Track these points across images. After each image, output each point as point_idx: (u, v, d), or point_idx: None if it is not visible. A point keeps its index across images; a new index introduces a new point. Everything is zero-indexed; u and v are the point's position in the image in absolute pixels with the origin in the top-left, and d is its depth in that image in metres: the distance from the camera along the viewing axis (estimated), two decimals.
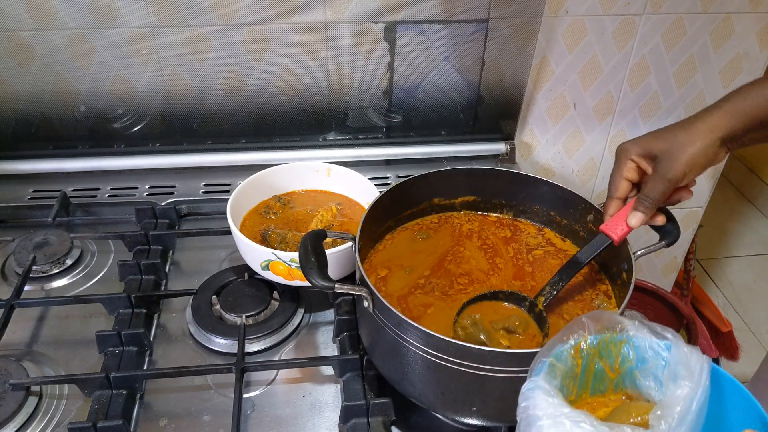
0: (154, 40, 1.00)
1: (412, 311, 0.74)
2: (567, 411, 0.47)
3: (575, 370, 0.54)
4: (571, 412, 0.47)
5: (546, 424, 0.46)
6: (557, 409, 0.47)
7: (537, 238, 0.86)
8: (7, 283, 0.92)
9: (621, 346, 0.54)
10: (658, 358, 0.53)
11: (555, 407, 0.47)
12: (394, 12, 1.02)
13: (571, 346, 0.54)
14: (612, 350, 0.55)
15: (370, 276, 0.77)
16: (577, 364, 0.54)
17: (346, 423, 0.72)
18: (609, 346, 0.55)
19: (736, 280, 2.19)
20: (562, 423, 0.46)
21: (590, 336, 0.54)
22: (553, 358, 0.52)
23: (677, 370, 0.50)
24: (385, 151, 1.16)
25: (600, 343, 0.54)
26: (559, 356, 0.53)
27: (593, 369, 0.55)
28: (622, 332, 0.54)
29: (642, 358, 0.54)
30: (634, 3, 1.11)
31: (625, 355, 0.54)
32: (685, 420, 0.47)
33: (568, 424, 0.46)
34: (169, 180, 1.12)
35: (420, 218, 0.88)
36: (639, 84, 1.22)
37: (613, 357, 0.55)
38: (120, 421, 0.70)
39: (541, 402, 0.48)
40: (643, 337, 0.53)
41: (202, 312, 0.85)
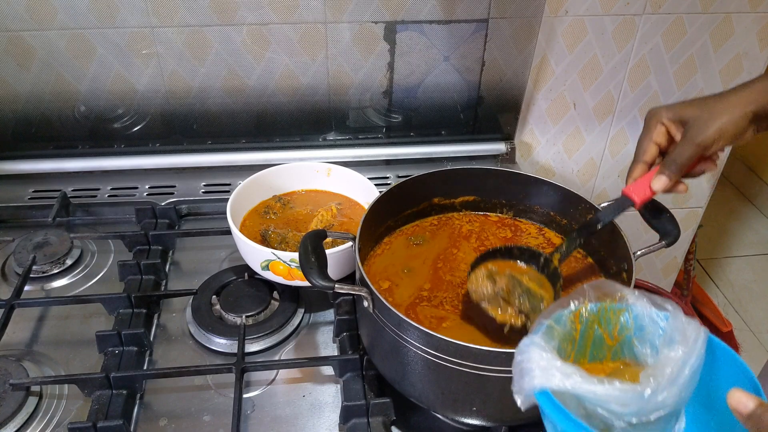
0: (154, 40, 1.00)
1: (423, 323, 0.73)
2: (559, 364, 0.48)
3: (573, 334, 0.55)
4: (563, 365, 0.48)
5: (537, 375, 0.47)
6: (549, 363, 0.48)
7: (538, 238, 0.86)
8: (7, 283, 0.92)
9: (620, 314, 0.55)
10: (656, 327, 0.53)
11: (548, 361, 0.48)
12: (394, 12, 1.02)
13: (570, 311, 0.55)
14: (611, 318, 0.55)
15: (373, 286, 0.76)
16: (575, 329, 0.55)
17: (346, 423, 0.72)
18: (608, 313, 0.55)
19: (736, 280, 2.19)
20: (553, 375, 0.47)
21: (590, 303, 0.55)
22: (552, 320, 0.53)
23: (673, 336, 0.51)
24: (385, 151, 1.16)
25: (600, 310, 0.55)
26: (558, 319, 0.54)
27: (592, 335, 0.56)
28: (621, 300, 0.55)
29: (640, 326, 0.54)
30: (634, 3, 1.11)
31: (623, 324, 0.55)
32: (676, 382, 0.48)
33: (558, 376, 0.47)
34: (169, 180, 1.12)
35: (420, 218, 0.88)
36: (639, 84, 1.22)
37: (612, 324, 0.55)
38: (120, 421, 0.70)
39: (535, 356, 0.49)
40: (642, 306, 0.54)
41: (202, 312, 0.85)
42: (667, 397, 0.47)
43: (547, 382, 0.47)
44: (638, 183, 0.70)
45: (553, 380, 0.47)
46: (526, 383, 0.48)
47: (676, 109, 0.68)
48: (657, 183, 0.68)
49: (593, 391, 0.47)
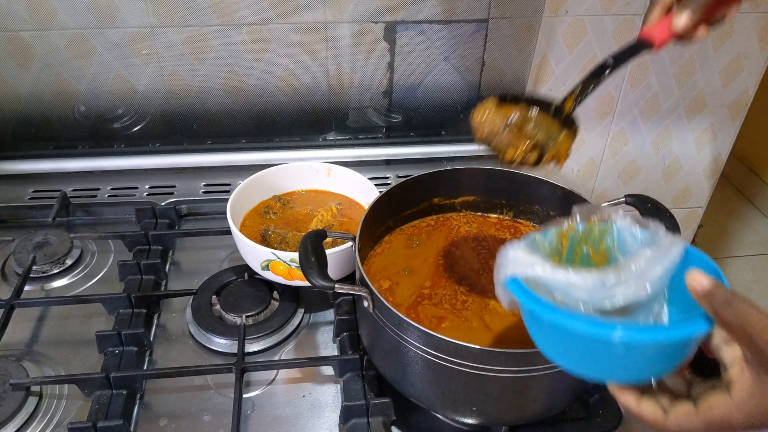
0: (154, 40, 1.00)
1: (423, 323, 0.73)
2: (527, 256, 0.51)
3: (560, 249, 0.57)
4: (531, 257, 0.51)
5: (509, 266, 0.51)
6: (520, 255, 0.51)
7: None
8: (7, 283, 0.92)
9: (606, 234, 0.56)
10: (637, 244, 0.54)
11: (519, 254, 0.51)
12: (394, 12, 1.02)
13: (557, 229, 0.57)
14: (597, 237, 0.57)
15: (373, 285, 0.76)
16: (562, 245, 0.57)
17: (346, 423, 0.72)
18: (594, 232, 0.56)
19: (736, 280, 2.19)
20: (520, 264, 0.50)
21: (577, 223, 0.56)
22: (540, 235, 0.55)
23: (648, 245, 0.52)
24: (385, 151, 1.16)
25: (586, 229, 0.56)
26: (545, 235, 0.56)
27: (579, 253, 0.57)
28: (607, 220, 0.56)
29: (622, 243, 0.55)
30: (634, 3, 1.11)
31: (608, 243, 0.56)
32: (644, 276, 0.48)
33: (525, 265, 0.50)
34: (169, 180, 1.12)
35: (420, 218, 0.88)
36: (639, 84, 1.22)
37: (598, 242, 0.57)
38: (120, 421, 0.70)
39: (510, 254, 0.51)
40: (625, 225, 0.55)
41: (202, 312, 0.85)
42: (633, 289, 0.48)
43: (515, 270, 0.50)
44: (656, 25, 0.63)
45: (520, 268, 0.50)
46: (501, 276, 0.51)
47: None
48: (679, 20, 0.60)
49: (558, 279, 0.49)
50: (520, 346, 0.58)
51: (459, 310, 0.75)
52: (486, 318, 0.74)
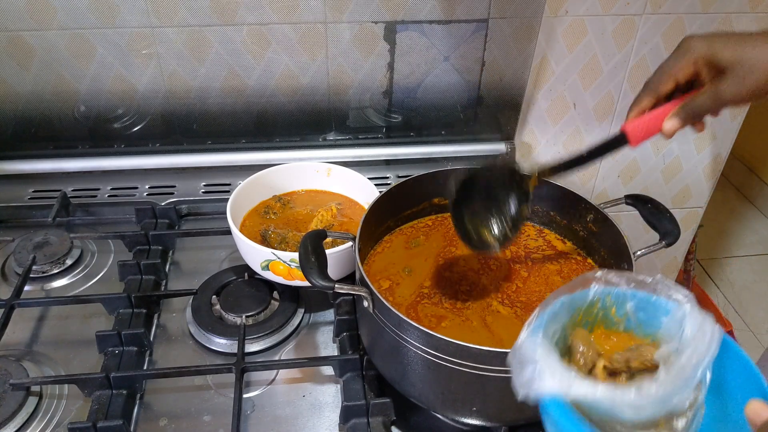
0: (154, 40, 1.00)
1: (423, 322, 0.73)
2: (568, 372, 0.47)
3: (577, 318, 0.55)
4: (573, 372, 0.47)
5: (548, 380, 0.46)
6: (559, 368, 0.47)
7: (537, 240, 0.86)
8: (7, 283, 0.92)
9: (625, 302, 0.55)
10: (665, 316, 0.53)
11: (557, 365, 0.47)
12: (394, 12, 1.02)
13: (568, 301, 0.54)
14: (610, 304, 0.55)
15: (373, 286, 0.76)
16: (578, 314, 0.55)
17: (346, 423, 0.72)
18: (608, 300, 0.55)
19: (736, 280, 2.19)
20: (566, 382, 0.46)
21: (591, 291, 0.54)
22: (552, 312, 0.52)
23: (686, 332, 0.50)
24: (385, 151, 1.16)
25: (598, 300, 0.55)
26: (559, 312, 0.53)
27: (596, 314, 0.56)
28: (630, 288, 0.54)
29: (644, 309, 0.54)
30: (634, 3, 1.11)
31: (628, 310, 0.55)
32: (688, 384, 0.47)
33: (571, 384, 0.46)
34: (169, 180, 1.12)
35: (420, 218, 0.88)
36: (639, 84, 1.22)
37: (611, 309, 0.55)
38: (120, 421, 0.70)
39: (541, 356, 0.48)
40: (648, 294, 0.54)
41: (202, 312, 0.85)
42: (676, 401, 0.47)
43: (553, 388, 0.46)
44: (636, 125, 0.64)
45: (560, 386, 0.46)
46: (535, 386, 0.46)
47: (715, 47, 0.58)
48: (669, 123, 0.62)
49: (600, 398, 0.46)
50: None
51: (459, 309, 0.75)
52: (486, 318, 0.74)
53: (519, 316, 0.74)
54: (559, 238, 0.86)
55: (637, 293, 0.54)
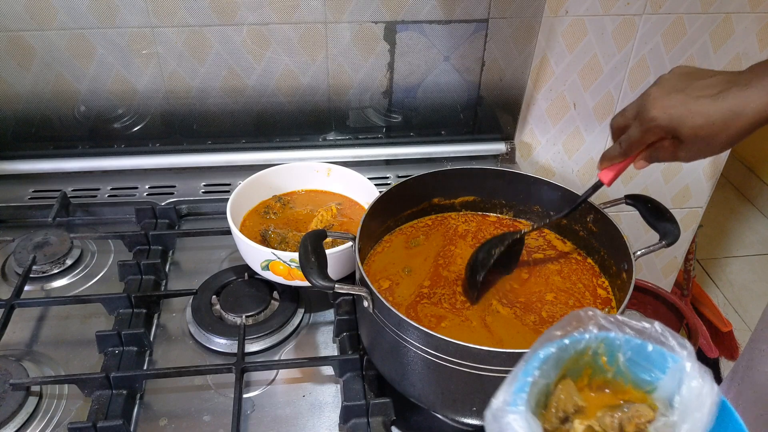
0: (154, 40, 1.00)
1: (422, 322, 0.73)
2: None
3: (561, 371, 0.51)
4: None
5: None
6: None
7: (538, 240, 0.86)
8: (7, 283, 0.92)
9: (622, 348, 0.50)
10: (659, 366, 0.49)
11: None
12: (394, 12, 1.02)
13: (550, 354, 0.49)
14: (600, 351, 0.51)
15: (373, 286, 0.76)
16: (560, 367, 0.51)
17: (346, 423, 0.72)
18: (599, 347, 0.51)
19: (736, 280, 2.19)
20: None
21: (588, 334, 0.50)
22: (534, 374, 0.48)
23: (684, 395, 0.47)
24: (385, 151, 1.16)
25: (598, 343, 0.51)
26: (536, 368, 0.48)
27: (584, 363, 0.52)
28: (625, 334, 0.50)
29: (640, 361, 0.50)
30: (634, 3, 1.11)
31: (619, 358, 0.51)
32: None
33: None
34: (169, 180, 1.12)
35: (420, 218, 0.88)
36: (639, 84, 1.22)
37: (601, 357, 0.51)
38: (120, 421, 0.70)
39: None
40: (644, 343, 0.50)
41: (202, 312, 0.85)
42: None
43: None
44: (606, 173, 0.73)
45: None
46: None
47: (674, 122, 0.62)
48: (638, 164, 0.70)
49: None
50: (520, 346, 0.58)
51: (459, 309, 0.75)
52: (486, 318, 0.74)
53: (518, 316, 0.74)
54: (559, 238, 0.86)
55: (632, 341, 0.49)
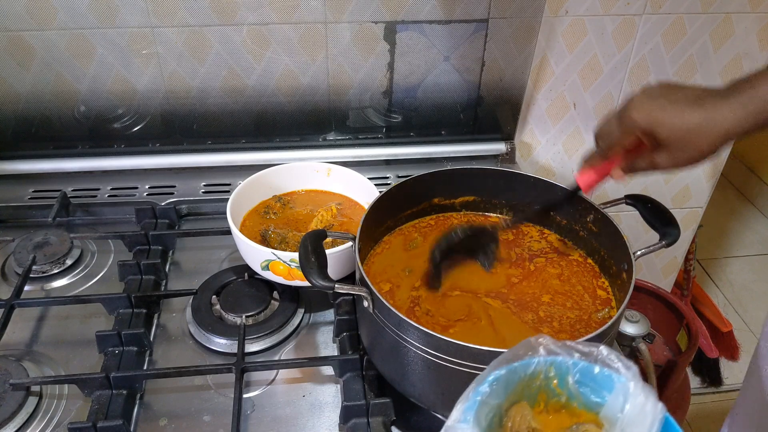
0: (154, 40, 1.00)
1: (422, 321, 0.73)
2: None
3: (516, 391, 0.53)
4: None
5: None
6: None
7: (540, 242, 0.86)
8: (7, 283, 0.92)
9: (570, 372, 0.52)
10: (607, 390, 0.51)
11: None
12: (394, 12, 1.02)
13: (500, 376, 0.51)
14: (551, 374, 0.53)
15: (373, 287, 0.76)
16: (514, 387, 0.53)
17: (346, 423, 0.72)
18: (556, 369, 0.52)
19: (736, 280, 2.19)
20: None
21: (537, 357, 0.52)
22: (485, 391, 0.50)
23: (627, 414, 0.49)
24: (385, 151, 1.16)
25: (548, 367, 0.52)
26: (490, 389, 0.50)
27: (541, 386, 0.54)
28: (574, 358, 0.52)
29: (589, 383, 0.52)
30: (634, 3, 1.11)
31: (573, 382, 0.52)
32: None
33: None
34: (169, 180, 1.12)
35: (420, 218, 0.88)
36: (639, 84, 1.22)
37: (552, 380, 0.53)
38: (120, 421, 0.70)
39: None
40: (591, 365, 0.51)
41: (202, 312, 0.85)
42: None
43: None
44: (593, 174, 0.73)
45: None
46: None
47: (653, 122, 0.63)
48: (616, 173, 0.71)
49: None
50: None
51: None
52: (488, 317, 0.74)
53: (516, 313, 0.74)
54: (560, 239, 0.86)
55: (579, 364, 0.51)
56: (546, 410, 0.53)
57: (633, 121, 0.65)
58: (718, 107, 0.60)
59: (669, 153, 0.64)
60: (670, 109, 0.63)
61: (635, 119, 0.65)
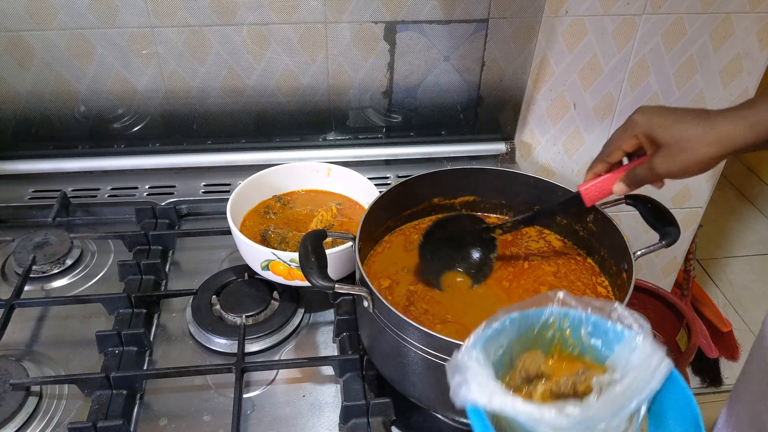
0: (154, 40, 1.00)
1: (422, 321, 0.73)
2: (492, 384, 0.47)
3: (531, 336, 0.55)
4: (497, 385, 0.47)
5: (473, 389, 0.47)
6: (485, 379, 0.47)
7: (539, 242, 0.86)
8: (7, 283, 0.92)
9: (584, 325, 0.54)
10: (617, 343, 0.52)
11: (485, 377, 0.47)
12: (394, 12, 1.02)
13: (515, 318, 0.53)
14: (564, 325, 0.55)
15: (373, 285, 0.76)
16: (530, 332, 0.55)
17: (346, 423, 0.72)
18: (563, 323, 0.54)
19: (736, 280, 2.19)
20: (486, 393, 0.46)
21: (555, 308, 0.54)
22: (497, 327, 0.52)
23: (631, 361, 0.50)
24: (385, 151, 1.16)
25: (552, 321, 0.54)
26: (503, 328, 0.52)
27: (556, 337, 0.56)
28: (587, 312, 0.54)
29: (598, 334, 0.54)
30: (634, 3, 1.11)
31: (582, 334, 0.54)
32: (619, 413, 0.47)
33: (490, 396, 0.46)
34: (169, 180, 1.12)
35: (420, 218, 0.88)
36: (639, 84, 1.22)
37: (566, 331, 0.55)
38: (120, 421, 0.70)
39: (473, 367, 0.48)
40: (603, 320, 0.53)
41: (202, 312, 0.85)
42: (603, 426, 0.47)
43: (476, 398, 0.46)
44: (595, 184, 0.73)
45: (482, 397, 0.46)
46: (461, 393, 0.47)
47: (653, 125, 0.66)
48: (617, 187, 0.72)
49: (520, 414, 0.45)
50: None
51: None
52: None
53: None
54: (560, 239, 0.86)
55: (592, 317, 0.53)
56: (559, 361, 0.55)
57: (634, 122, 0.67)
58: (717, 118, 0.63)
59: (666, 156, 0.65)
60: (670, 115, 0.65)
61: (636, 120, 0.67)
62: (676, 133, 0.64)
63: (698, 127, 0.63)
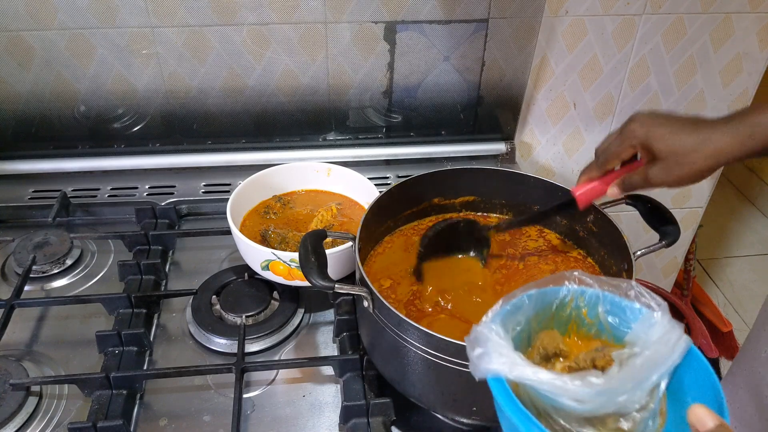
0: (154, 40, 1.00)
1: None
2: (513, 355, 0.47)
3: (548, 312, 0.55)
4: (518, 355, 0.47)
5: (494, 360, 0.47)
6: (507, 350, 0.47)
7: (537, 241, 0.86)
8: (7, 283, 0.92)
9: (600, 303, 0.54)
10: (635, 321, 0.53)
11: (506, 348, 0.47)
12: (394, 12, 1.02)
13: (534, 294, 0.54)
14: (582, 304, 0.55)
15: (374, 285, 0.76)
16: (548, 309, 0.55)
17: (346, 423, 0.72)
18: (581, 301, 0.55)
19: (736, 280, 2.19)
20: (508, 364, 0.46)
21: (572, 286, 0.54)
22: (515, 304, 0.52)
23: (650, 337, 0.50)
24: (385, 151, 1.16)
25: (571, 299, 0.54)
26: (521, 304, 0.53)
27: (566, 315, 0.56)
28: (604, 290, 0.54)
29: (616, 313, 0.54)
30: (634, 3, 1.11)
31: (600, 311, 0.54)
32: (641, 386, 0.47)
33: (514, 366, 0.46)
34: (169, 180, 1.12)
35: (420, 218, 0.88)
36: (639, 84, 1.22)
37: (583, 309, 0.55)
38: (120, 421, 0.70)
39: (493, 339, 0.48)
40: (620, 299, 0.53)
41: (202, 312, 0.85)
42: (625, 398, 0.47)
43: (498, 368, 0.46)
44: (590, 188, 0.73)
45: (504, 367, 0.46)
46: (482, 365, 0.47)
47: (650, 136, 0.66)
48: (612, 191, 0.72)
49: (543, 383, 0.45)
50: None
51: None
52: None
53: None
54: (560, 238, 0.86)
55: (609, 296, 0.54)
56: (576, 340, 0.56)
57: (632, 132, 0.68)
58: (712, 130, 0.64)
59: (662, 168, 0.66)
60: (667, 125, 0.66)
61: (634, 131, 0.67)
62: (672, 145, 0.65)
63: (694, 140, 0.64)
